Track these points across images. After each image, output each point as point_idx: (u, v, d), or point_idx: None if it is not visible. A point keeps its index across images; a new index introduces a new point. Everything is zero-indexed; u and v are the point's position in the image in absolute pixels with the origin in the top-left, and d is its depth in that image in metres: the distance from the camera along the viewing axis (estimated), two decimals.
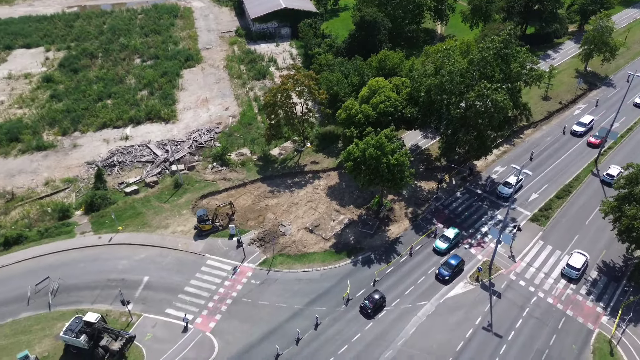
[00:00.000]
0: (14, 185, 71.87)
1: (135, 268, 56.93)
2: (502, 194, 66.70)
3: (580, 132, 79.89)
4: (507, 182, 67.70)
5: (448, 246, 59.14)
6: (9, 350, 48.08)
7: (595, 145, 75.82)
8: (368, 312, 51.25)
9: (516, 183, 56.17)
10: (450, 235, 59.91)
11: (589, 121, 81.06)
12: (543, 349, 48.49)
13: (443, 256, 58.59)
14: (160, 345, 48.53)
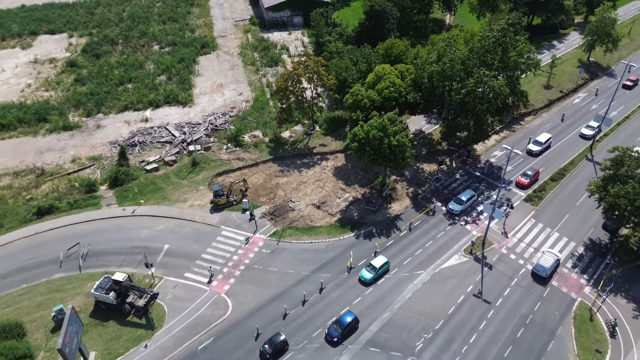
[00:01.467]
0: (44, 162, 77.43)
1: (157, 237, 62.25)
2: (453, 210, 64.96)
3: (536, 151, 75.49)
4: (459, 198, 65.73)
5: (374, 276, 55.81)
6: (45, 306, 53.72)
7: (524, 185, 68.63)
8: (267, 357, 47.39)
9: (468, 199, 60.54)
10: (377, 264, 56.38)
11: (545, 139, 76.96)
12: (527, 314, 52.97)
13: (368, 287, 55.21)
14: (179, 304, 53.87)
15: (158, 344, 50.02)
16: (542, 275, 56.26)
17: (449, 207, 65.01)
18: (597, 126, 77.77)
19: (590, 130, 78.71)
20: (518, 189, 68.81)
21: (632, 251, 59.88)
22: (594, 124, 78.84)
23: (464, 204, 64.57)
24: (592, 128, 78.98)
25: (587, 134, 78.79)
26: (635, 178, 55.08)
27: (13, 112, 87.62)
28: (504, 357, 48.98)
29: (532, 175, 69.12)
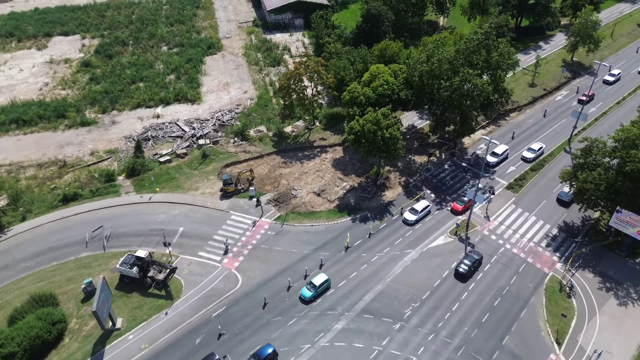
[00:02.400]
0: (65, 155, 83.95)
1: (172, 221, 68.77)
2: (407, 220, 67.68)
3: (492, 162, 77.69)
4: (413, 208, 68.65)
5: (314, 294, 56.88)
6: (75, 280, 60.23)
7: (459, 211, 69.12)
8: None
9: (423, 209, 66.55)
10: (317, 282, 57.41)
11: (502, 151, 79.08)
12: (504, 286, 59.55)
13: (307, 305, 56.77)
14: (195, 278, 60.42)
15: (177, 311, 56.62)
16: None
17: (404, 217, 67.76)
18: (538, 149, 79.54)
19: (532, 154, 78.49)
20: (453, 213, 69.52)
21: (601, 232, 66.45)
22: (536, 147, 79.96)
23: (417, 214, 67.53)
24: (533, 151, 78.75)
25: (528, 157, 78.51)
26: (602, 165, 61.57)
27: (33, 109, 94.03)
28: (482, 322, 55.58)
29: (467, 201, 69.46)
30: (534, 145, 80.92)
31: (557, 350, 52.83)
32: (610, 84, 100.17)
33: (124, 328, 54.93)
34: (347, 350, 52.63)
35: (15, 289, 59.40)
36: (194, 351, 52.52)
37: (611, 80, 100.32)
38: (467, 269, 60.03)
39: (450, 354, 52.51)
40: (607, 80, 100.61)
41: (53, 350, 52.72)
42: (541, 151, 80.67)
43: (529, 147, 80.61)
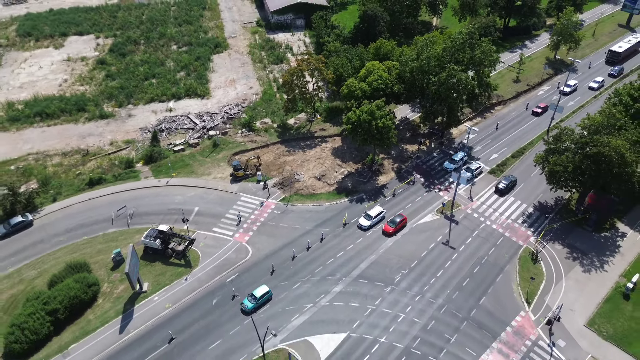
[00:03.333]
0: (87, 145, 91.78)
1: (188, 202, 76.63)
2: (362, 225, 70.93)
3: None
4: (367, 214, 71.78)
5: (254, 305, 59.01)
6: (104, 252, 68.08)
7: (390, 233, 69.98)
8: None
9: (377, 215, 70.46)
10: (258, 294, 59.37)
11: (459, 158, 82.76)
12: (483, 256, 67.52)
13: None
14: (210, 250, 68.34)
15: (195, 277, 64.57)
16: None
17: (359, 222, 71.15)
18: (476, 168, 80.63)
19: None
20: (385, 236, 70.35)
21: (571, 211, 74.38)
22: (474, 167, 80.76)
23: (371, 220, 70.72)
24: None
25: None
26: (570, 150, 69.42)
27: (55, 103, 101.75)
28: (462, 286, 63.54)
29: (399, 222, 70.54)
30: (455, 156, 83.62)
31: (527, 308, 60.82)
32: (566, 94, 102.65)
33: (150, 291, 62.85)
34: (344, 308, 60.60)
35: (51, 259, 67.26)
36: (211, 310, 60.47)
37: (567, 91, 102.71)
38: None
39: (434, 311, 60.49)
40: (564, 91, 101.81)
41: (88, 309, 60.63)
42: (463, 159, 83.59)
43: (468, 167, 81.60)
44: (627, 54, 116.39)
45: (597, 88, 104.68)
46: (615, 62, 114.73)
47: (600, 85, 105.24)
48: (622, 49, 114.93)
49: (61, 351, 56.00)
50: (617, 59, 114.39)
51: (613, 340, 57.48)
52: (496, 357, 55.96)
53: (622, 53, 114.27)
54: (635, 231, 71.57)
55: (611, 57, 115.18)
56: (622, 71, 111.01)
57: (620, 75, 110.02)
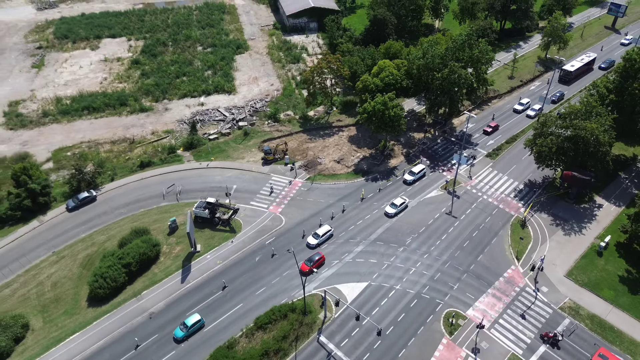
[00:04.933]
0: (132, 134, 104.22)
1: (227, 181, 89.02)
2: (310, 244, 75.20)
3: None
4: (316, 232, 76.22)
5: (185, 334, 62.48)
6: (160, 221, 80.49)
7: (306, 272, 69.92)
8: None
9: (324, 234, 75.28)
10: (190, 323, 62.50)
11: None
12: (480, 223, 79.97)
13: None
14: (250, 219, 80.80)
15: (239, 240, 77.07)
16: None
17: (307, 241, 76.06)
18: (400, 204, 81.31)
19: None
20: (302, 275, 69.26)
21: (556, 187, 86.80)
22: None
23: (319, 238, 75.44)
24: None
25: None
26: (554, 134, 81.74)
27: (100, 98, 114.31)
28: (463, 246, 76.03)
29: (316, 260, 71.92)
30: (415, 168, 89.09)
31: (517, 263, 73.29)
32: (519, 112, 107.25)
33: (202, 251, 75.31)
34: (365, 264, 73.10)
35: (116, 227, 79.73)
36: (255, 265, 72.97)
37: (519, 110, 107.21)
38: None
39: (439, 265, 72.97)
40: (516, 109, 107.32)
41: (153, 265, 73.13)
42: (423, 172, 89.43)
43: (410, 171, 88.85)
44: (578, 73, 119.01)
45: (534, 116, 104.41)
46: (568, 81, 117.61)
47: (536, 113, 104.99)
48: (574, 67, 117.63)
49: (135, 296, 68.50)
50: (570, 77, 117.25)
51: (587, 287, 69.91)
52: (491, 300, 68.37)
53: (574, 72, 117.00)
54: (610, 203, 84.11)
55: (564, 76, 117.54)
56: (562, 97, 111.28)
57: (560, 100, 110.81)
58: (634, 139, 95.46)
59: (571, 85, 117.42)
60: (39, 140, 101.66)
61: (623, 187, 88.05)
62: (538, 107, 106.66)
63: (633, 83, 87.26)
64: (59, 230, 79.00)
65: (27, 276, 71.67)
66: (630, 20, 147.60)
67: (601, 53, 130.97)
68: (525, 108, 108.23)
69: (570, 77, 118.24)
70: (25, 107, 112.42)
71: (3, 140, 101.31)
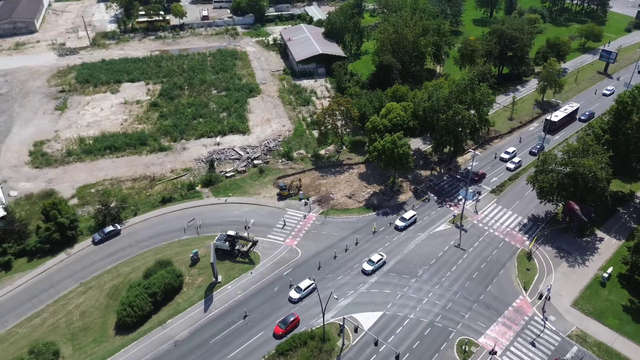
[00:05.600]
0: (152, 172, 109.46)
1: (244, 215, 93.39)
2: (292, 298, 75.06)
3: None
4: (298, 286, 76.27)
5: None
6: (182, 253, 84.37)
7: (279, 334, 69.46)
8: None
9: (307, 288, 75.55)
10: None
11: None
12: (488, 256, 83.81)
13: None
14: (267, 251, 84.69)
15: (258, 272, 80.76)
16: None
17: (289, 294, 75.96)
18: (377, 260, 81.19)
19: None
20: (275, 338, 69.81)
21: (558, 221, 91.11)
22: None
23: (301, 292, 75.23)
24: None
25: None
26: (554, 171, 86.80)
27: (121, 138, 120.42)
28: (472, 277, 79.60)
29: (290, 321, 70.87)
30: (406, 214, 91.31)
31: (525, 293, 76.66)
32: (505, 161, 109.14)
33: (223, 282, 78.85)
34: (379, 294, 76.51)
35: (140, 259, 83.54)
36: (274, 295, 76.33)
37: (506, 158, 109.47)
38: None
39: (450, 295, 76.33)
40: (503, 157, 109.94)
41: (177, 295, 76.57)
42: (414, 218, 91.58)
43: (402, 217, 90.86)
44: (562, 123, 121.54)
45: (514, 169, 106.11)
46: (553, 130, 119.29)
47: (516, 166, 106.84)
48: (558, 117, 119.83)
49: (161, 324, 71.59)
50: (554, 127, 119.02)
51: (593, 316, 73.07)
52: (501, 328, 71.38)
53: (558, 122, 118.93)
54: (610, 236, 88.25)
55: (549, 126, 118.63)
56: (542, 148, 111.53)
57: (541, 150, 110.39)
58: (630, 176, 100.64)
59: (555, 136, 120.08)
60: (63, 177, 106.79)
61: (622, 221, 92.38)
62: (517, 160, 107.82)
63: (626, 124, 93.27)
64: (86, 263, 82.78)
65: (56, 306, 74.96)
66: (621, 65, 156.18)
67: (594, 97, 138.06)
68: (511, 157, 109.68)
69: (554, 127, 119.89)
70: (49, 146, 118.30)
71: (29, 178, 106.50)
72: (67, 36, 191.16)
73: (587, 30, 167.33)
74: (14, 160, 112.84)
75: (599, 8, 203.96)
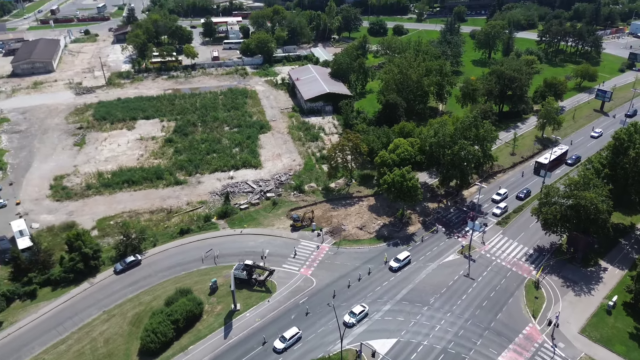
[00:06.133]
0: (168, 205, 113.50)
1: (259, 246, 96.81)
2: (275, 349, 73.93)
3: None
4: (283, 336, 75.19)
5: None
6: (201, 282, 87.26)
7: None
8: None
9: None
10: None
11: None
12: (497, 285, 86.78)
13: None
14: (283, 280, 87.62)
15: (275, 300, 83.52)
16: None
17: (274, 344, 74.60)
18: (359, 312, 79.60)
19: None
20: None
21: (563, 251, 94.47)
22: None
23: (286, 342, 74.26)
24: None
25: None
26: (557, 203, 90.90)
27: (138, 172, 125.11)
28: (482, 305, 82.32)
29: None
30: (400, 255, 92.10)
31: (534, 321, 79.20)
32: (497, 202, 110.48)
33: (242, 310, 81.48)
34: (393, 321, 79.06)
35: (160, 288, 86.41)
36: (290, 322, 78.84)
37: (497, 200, 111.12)
38: None
39: (462, 323, 78.89)
40: (495, 199, 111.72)
41: (197, 322, 79.04)
42: (408, 259, 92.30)
43: (396, 258, 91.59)
44: (552, 165, 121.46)
45: (500, 214, 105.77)
46: None
47: (502, 211, 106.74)
48: (547, 160, 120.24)
49: (182, 350, 73.88)
50: (544, 169, 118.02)
51: (600, 343, 75.47)
52: (512, 355, 73.66)
53: (547, 164, 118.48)
54: (614, 266, 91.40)
55: (538, 168, 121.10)
56: (529, 194, 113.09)
57: (527, 197, 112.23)
58: (629, 209, 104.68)
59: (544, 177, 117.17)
60: (83, 210, 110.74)
61: (624, 252, 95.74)
62: (504, 206, 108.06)
63: (623, 159, 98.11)
64: (108, 291, 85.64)
65: (80, 333, 77.40)
66: (616, 104, 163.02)
67: (571, 146, 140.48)
68: (502, 199, 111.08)
69: (543, 169, 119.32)
70: (69, 180, 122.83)
71: (51, 210, 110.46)
72: (83, 76, 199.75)
73: (583, 71, 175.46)
74: (35, 193, 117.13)
75: (593, 49, 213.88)
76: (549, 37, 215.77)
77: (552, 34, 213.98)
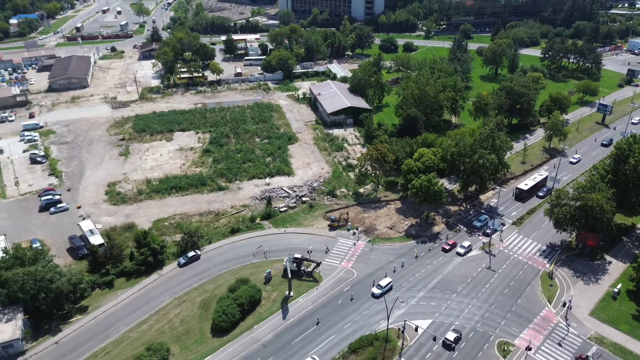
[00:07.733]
0: (215, 208, 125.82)
1: (302, 243, 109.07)
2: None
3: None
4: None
5: None
6: (256, 274, 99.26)
7: None
8: None
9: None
10: None
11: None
12: (515, 275, 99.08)
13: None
14: (327, 272, 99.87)
15: (322, 288, 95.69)
16: None
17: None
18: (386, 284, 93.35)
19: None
20: None
21: (572, 247, 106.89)
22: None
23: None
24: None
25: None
26: (567, 205, 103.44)
27: (183, 180, 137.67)
28: (504, 293, 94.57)
29: None
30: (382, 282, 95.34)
31: (549, 305, 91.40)
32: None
33: (294, 296, 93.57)
34: (427, 306, 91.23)
35: (221, 278, 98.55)
36: (338, 307, 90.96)
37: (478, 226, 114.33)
38: None
39: (487, 307, 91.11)
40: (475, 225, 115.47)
41: (257, 306, 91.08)
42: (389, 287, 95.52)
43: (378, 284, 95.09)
44: (532, 191, 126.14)
45: (463, 254, 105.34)
46: (523, 198, 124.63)
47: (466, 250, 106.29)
48: (528, 186, 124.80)
49: (249, 329, 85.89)
50: (523, 195, 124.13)
51: (608, 323, 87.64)
52: (532, 332, 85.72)
53: (527, 190, 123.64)
54: (618, 260, 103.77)
55: (519, 194, 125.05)
56: (503, 225, 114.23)
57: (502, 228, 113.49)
58: (631, 211, 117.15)
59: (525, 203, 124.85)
60: (138, 213, 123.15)
61: (627, 248, 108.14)
62: (467, 244, 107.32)
63: (624, 166, 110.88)
64: (175, 282, 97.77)
65: (158, 315, 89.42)
66: (616, 117, 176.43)
67: (594, 144, 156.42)
68: (482, 225, 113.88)
69: (523, 195, 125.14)
70: (121, 187, 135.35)
71: (110, 213, 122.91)
72: (117, 90, 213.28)
73: (584, 86, 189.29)
74: (92, 198, 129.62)
75: (594, 66, 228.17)
76: (551, 54, 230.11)
77: (554, 51, 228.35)
